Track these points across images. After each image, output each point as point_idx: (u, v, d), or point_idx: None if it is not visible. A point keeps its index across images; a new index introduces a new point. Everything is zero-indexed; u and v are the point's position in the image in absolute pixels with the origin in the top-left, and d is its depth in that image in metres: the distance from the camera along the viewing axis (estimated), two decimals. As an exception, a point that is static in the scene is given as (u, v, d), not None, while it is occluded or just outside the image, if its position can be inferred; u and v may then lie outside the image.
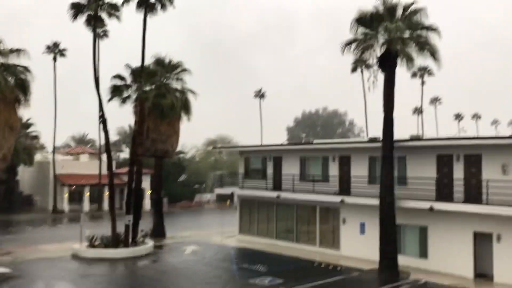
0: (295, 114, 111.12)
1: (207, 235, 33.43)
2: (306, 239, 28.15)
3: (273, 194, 28.84)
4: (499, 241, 20.03)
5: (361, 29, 22.50)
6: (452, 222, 21.44)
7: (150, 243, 27.53)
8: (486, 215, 19.88)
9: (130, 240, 26.57)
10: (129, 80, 27.77)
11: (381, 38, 21.91)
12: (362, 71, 59.79)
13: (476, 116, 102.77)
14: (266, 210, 30.67)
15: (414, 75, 70.63)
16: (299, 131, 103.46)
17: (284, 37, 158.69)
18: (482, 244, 20.69)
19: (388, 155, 21.66)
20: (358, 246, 25.03)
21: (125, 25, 31.16)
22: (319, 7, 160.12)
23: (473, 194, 20.91)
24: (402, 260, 21.93)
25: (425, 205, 21.45)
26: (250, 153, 32.57)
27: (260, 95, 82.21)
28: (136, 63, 27.70)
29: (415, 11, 21.80)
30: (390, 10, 21.94)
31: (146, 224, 31.56)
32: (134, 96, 27.87)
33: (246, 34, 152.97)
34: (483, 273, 20.66)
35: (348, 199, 24.90)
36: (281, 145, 32.52)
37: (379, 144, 22.43)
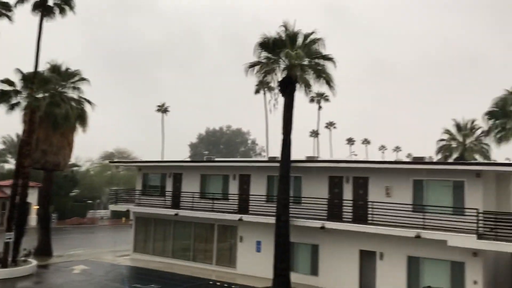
0: (199, 130, 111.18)
1: (98, 254, 31.74)
2: (203, 257, 27.94)
3: (171, 211, 28.31)
4: (381, 258, 21.62)
5: (264, 53, 23.29)
6: (341, 241, 22.73)
7: (33, 263, 25.37)
8: (371, 234, 21.38)
9: (10, 259, 24.27)
10: (19, 85, 25.77)
11: (283, 64, 22.87)
12: (265, 93, 61.91)
13: (366, 141, 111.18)
14: (163, 228, 29.97)
15: (312, 100, 74.85)
16: (202, 148, 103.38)
17: (191, 52, 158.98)
18: (367, 261, 22.16)
19: (285, 174, 22.44)
20: (254, 264, 25.41)
21: (21, 27, 29.00)
22: (226, 25, 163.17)
23: (360, 214, 22.41)
24: (295, 278, 22.69)
25: (317, 224, 22.52)
26: (149, 168, 31.73)
27: (163, 109, 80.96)
28: (30, 68, 25.86)
29: (314, 41, 23.11)
30: (292, 37, 23.04)
31: (31, 242, 29.15)
32: (24, 104, 25.87)
33: (152, 47, 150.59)
34: (367, 288, 22.11)
35: (246, 217, 25.24)
36: (182, 161, 32.14)
37: (277, 164, 23.18)
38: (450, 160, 36.22)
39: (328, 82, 22.96)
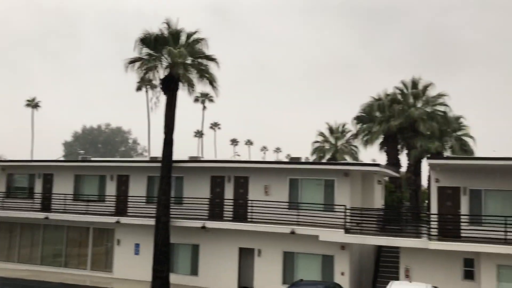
0: (75, 128, 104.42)
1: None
2: (77, 263, 26.28)
3: (41, 215, 26.16)
4: (259, 255, 22.34)
5: (146, 50, 22.67)
6: (222, 240, 23.01)
7: None
8: (250, 232, 21.97)
9: None
10: None
11: (165, 61, 22.46)
12: (147, 91, 60.24)
13: (249, 142, 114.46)
14: (31, 233, 27.56)
15: (196, 100, 74.82)
16: (77, 147, 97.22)
17: (68, 44, 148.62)
18: (246, 258, 22.73)
19: (166, 175, 22.06)
20: (133, 267, 24.57)
21: None
22: (106, 17, 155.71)
23: (241, 213, 22.93)
24: (175, 279, 22.43)
25: (198, 224, 22.52)
26: (14, 168, 28.94)
27: (33, 104, 74.62)
28: None
29: (198, 40, 23.08)
30: (175, 35, 22.74)
31: None
32: None
33: (23, 36, 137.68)
34: (246, 286, 22.63)
35: (124, 220, 24.35)
36: (53, 161, 29.83)
37: (158, 164, 22.68)
38: (323, 161, 38.73)
39: (212, 82, 23.12)
